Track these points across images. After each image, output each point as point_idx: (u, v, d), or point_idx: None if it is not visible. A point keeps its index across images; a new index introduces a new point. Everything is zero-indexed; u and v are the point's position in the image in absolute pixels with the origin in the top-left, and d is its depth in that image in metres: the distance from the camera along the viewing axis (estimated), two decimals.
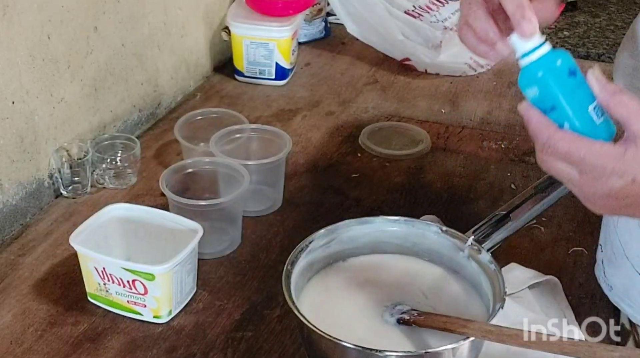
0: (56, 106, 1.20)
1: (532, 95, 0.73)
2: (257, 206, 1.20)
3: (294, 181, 1.28)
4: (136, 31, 1.38)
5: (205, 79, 1.63)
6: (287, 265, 0.91)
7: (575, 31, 1.87)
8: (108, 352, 0.94)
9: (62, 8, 1.18)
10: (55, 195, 1.23)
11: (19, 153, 1.14)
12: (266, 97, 1.56)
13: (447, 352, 0.82)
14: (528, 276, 1.02)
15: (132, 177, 1.25)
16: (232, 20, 1.59)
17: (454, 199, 1.25)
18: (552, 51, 0.74)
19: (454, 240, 0.96)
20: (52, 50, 1.17)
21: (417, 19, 1.74)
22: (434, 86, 1.63)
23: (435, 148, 1.39)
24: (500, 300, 0.86)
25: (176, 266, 0.96)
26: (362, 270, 0.98)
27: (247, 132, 1.25)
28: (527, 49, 0.74)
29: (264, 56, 1.58)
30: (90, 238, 1.00)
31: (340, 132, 1.44)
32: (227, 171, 1.14)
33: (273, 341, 0.96)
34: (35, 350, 0.94)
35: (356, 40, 1.71)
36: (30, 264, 1.08)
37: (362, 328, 0.89)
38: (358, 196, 1.25)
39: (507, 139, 1.42)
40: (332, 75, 1.67)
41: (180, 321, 0.99)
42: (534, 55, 0.73)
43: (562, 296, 1.00)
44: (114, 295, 0.99)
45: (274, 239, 1.15)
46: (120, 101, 1.36)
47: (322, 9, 1.80)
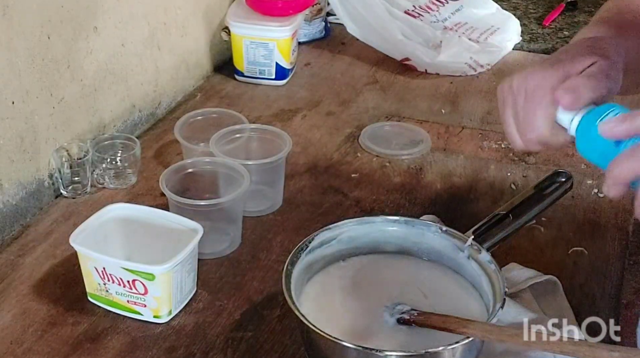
0: (56, 106, 1.20)
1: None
2: (257, 206, 1.20)
3: (294, 181, 1.28)
4: (136, 31, 1.38)
5: (205, 79, 1.63)
6: (287, 265, 0.91)
7: (575, 31, 1.87)
8: (108, 352, 0.94)
9: (62, 8, 1.18)
10: (55, 195, 1.23)
11: (19, 153, 1.14)
12: (266, 97, 1.56)
13: (447, 352, 0.82)
14: (528, 276, 1.02)
15: (132, 177, 1.25)
16: (232, 20, 1.58)
17: (454, 199, 1.25)
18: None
19: (454, 240, 0.97)
20: (52, 50, 1.17)
21: (417, 19, 1.75)
22: (434, 86, 1.63)
23: (435, 148, 1.39)
24: (500, 300, 0.86)
25: (176, 266, 0.96)
26: (362, 270, 0.98)
27: (247, 132, 1.25)
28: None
29: (263, 55, 1.58)
30: (90, 238, 1.00)
31: (340, 132, 1.44)
32: (227, 171, 1.14)
33: (273, 341, 0.96)
34: (35, 350, 0.94)
35: (356, 40, 1.71)
36: (30, 264, 1.08)
37: (362, 328, 0.89)
38: (358, 196, 1.25)
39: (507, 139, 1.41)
40: (332, 75, 1.67)
41: (180, 321, 0.99)
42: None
43: (562, 296, 1.00)
44: (114, 295, 0.99)
45: (274, 239, 1.15)
46: (120, 101, 1.36)
47: (322, 9, 1.80)
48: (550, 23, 1.91)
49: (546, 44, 1.81)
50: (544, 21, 1.91)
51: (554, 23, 1.92)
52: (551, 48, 1.79)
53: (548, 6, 2.00)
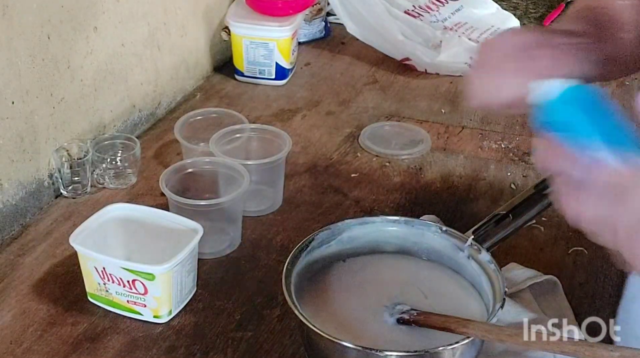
0: (56, 106, 1.20)
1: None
2: (257, 206, 1.20)
3: (294, 181, 1.28)
4: (136, 31, 1.38)
5: (205, 79, 1.63)
6: (287, 265, 0.91)
7: None
8: (108, 352, 0.94)
9: (62, 8, 1.18)
10: (55, 195, 1.23)
11: (19, 153, 1.14)
12: (266, 97, 1.56)
13: (447, 351, 0.82)
14: (528, 276, 1.02)
15: (132, 177, 1.25)
16: (232, 20, 1.58)
17: (454, 199, 1.25)
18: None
19: (453, 240, 0.97)
20: (52, 50, 1.17)
21: (417, 19, 1.75)
22: (434, 85, 1.63)
23: (435, 148, 1.39)
24: (500, 300, 0.86)
25: (176, 266, 0.96)
26: (362, 270, 0.98)
27: (247, 132, 1.25)
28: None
29: (263, 55, 1.58)
30: (90, 238, 1.00)
31: (340, 132, 1.44)
32: (227, 171, 1.14)
33: (273, 341, 0.96)
34: (35, 350, 0.94)
35: (356, 40, 1.71)
36: (30, 264, 1.08)
37: (362, 328, 0.89)
38: (358, 196, 1.25)
39: (507, 139, 1.42)
40: (332, 75, 1.67)
41: (180, 321, 0.99)
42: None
43: (562, 296, 1.00)
44: (114, 295, 0.99)
45: (274, 239, 1.15)
46: (120, 101, 1.36)
47: (322, 9, 1.80)
48: (550, 23, 1.91)
49: None
50: (544, 21, 1.91)
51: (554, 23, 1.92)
52: None
53: (548, 6, 2.00)
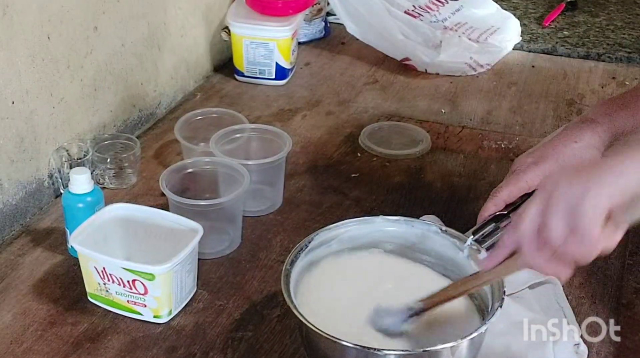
0: (56, 106, 1.20)
1: None
2: (257, 206, 1.20)
3: (294, 181, 1.28)
4: (136, 31, 1.38)
5: (205, 79, 1.63)
6: (286, 265, 0.91)
7: (575, 31, 1.87)
8: (108, 351, 0.94)
9: (62, 8, 1.18)
10: (55, 195, 1.23)
11: (19, 153, 1.15)
12: (266, 97, 1.56)
13: (446, 350, 0.82)
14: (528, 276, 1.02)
15: (132, 177, 1.25)
16: (232, 20, 1.59)
17: (454, 199, 1.25)
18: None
19: (453, 240, 0.97)
20: (52, 50, 1.17)
21: (417, 18, 1.74)
22: (434, 85, 1.63)
23: (435, 147, 1.39)
24: (499, 300, 0.86)
25: (176, 266, 0.96)
26: (362, 269, 0.98)
27: (247, 132, 1.25)
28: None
29: (263, 55, 1.58)
30: (90, 238, 1.00)
31: (340, 132, 1.44)
32: (227, 171, 1.14)
33: (273, 341, 0.97)
34: (35, 350, 0.94)
35: (356, 40, 1.71)
36: (30, 264, 1.08)
37: (361, 327, 0.89)
38: (358, 196, 1.25)
39: (507, 139, 1.42)
40: (332, 75, 1.67)
41: (180, 321, 0.99)
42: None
43: (562, 296, 1.00)
44: (114, 295, 0.99)
45: (274, 239, 1.15)
46: (120, 101, 1.36)
47: (322, 9, 1.80)
48: (550, 23, 1.91)
49: (546, 44, 1.81)
50: (544, 21, 1.91)
51: (554, 23, 1.92)
52: (551, 48, 1.79)
53: (548, 6, 2.00)
